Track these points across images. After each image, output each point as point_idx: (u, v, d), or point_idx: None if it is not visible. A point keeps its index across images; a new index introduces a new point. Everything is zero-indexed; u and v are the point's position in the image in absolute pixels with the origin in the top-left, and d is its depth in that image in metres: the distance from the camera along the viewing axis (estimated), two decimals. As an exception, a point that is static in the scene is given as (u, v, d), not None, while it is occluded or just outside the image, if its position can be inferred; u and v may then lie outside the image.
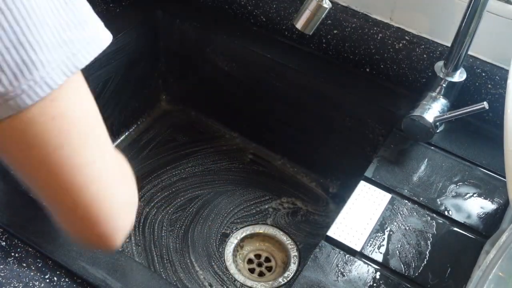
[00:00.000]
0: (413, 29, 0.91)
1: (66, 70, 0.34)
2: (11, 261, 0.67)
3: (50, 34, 0.33)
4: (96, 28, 0.38)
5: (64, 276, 0.66)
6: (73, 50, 0.35)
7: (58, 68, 0.34)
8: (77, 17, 0.35)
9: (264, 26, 1.05)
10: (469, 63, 0.87)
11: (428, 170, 0.82)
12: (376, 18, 0.94)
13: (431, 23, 0.89)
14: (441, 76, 0.84)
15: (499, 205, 0.78)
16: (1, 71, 0.31)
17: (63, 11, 0.34)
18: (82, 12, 0.36)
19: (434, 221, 0.76)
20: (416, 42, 0.91)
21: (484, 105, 0.76)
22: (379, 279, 0.69)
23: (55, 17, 0.33)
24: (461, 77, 0.84)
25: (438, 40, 0.90)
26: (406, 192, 0.79)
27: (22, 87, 0.32)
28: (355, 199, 0.78)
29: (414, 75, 0.94)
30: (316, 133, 1.06)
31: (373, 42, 0.94)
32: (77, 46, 0.35)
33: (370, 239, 0.73)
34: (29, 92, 0.33)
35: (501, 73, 0.86)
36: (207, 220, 1.00)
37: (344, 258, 0.71)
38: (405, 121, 0.84)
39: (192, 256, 0.95)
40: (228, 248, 0.97)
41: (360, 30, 0.94)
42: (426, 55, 0.91)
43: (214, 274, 0.93)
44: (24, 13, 0.31)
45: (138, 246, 0.95)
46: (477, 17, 0.77)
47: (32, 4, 0.32)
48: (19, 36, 0.31)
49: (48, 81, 0.33)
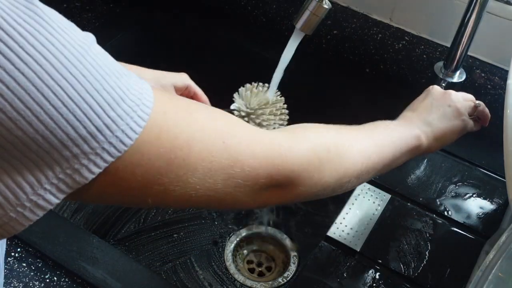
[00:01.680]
0: (413, 29, 0.92)
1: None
2: (11, 261, 0.67)
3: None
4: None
5: (64, 276, 0.66)
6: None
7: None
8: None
9: (264, 26, 1.05)
10: (468, 64, 0.87)
11: (428, 171, 0.82)
12: (376, 18, 0.94)
13: (431, 23, 0.89)
14: (440, 77, 0.84)
15: (499, 205, 0.78)
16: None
17: None
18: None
19: (434, 222, 0.76)
20: (416, 42, 0.91)
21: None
22: (379, 279, 0.69)
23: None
24: (460, 78, 0.84)
25: (437, 40, 0.90)
26: (406, 192, 0.79)
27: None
28: (355, 199, 0.78)
29: (414, 75, 0.94)
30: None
31: (373, 43, 0.94)
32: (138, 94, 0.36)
33: (370, 239, 0.73)
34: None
35: (500, 74, 0.86)
36: (207, 220, 1.01)
37: (343, 258, 0.71)
38: (404, 122, 0.84)
39: (192, 256, 0.95)
40: (228, 248, 0.97)
41: (360, 31, 0.95)
42: (426, 55, 0.91)
43: (214, 274, 0.93)
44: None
45: (138, 246, 0.95)
46: (476, 17, 0.77)
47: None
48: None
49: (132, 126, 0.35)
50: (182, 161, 0.37)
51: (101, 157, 0.33)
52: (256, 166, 0.41)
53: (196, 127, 0.38)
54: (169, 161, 0.36)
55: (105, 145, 0.33)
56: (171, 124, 0.37)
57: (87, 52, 0.32)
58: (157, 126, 0.36)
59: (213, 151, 0.38)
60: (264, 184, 0.42)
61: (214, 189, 0.39)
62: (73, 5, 1.09)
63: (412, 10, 0.90)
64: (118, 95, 0.33)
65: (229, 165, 0.39)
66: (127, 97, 0.34)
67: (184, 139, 0.37)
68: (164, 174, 0.36)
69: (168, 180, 0.37)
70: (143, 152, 0.35)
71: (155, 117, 0.35)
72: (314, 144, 0.47)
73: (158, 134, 0.36)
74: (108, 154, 0.33)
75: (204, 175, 0.38)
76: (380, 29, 0.92)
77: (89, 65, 0.32)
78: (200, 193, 0.39)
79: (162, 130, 0.36)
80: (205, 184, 0.39)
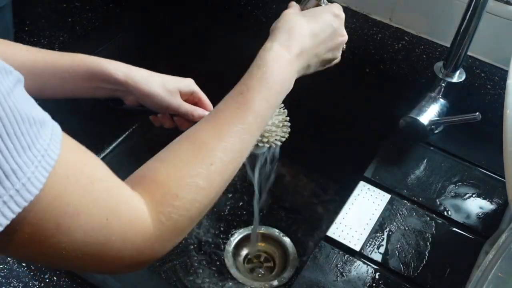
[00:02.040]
0: (413, 29, 0.92)
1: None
2: (11, 261, 0.67)
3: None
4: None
5: (63, 276, 0.66)
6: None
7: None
8: None
9: (264, 26, 1.05)
10: (468, 64, 0.87)
11: (428, 171, 0.82)
12: (376, 18, 0.94)
13: (431, 23, 0.89)
14: (440, 77, 0.84)
15: (498, 205, 0.78)
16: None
17: None
18: None
19: (433, 221, 0.76)
20: (416, 42, 0.91)
21: (476, 116, 0.77)
22: (379, 279, 0.69)
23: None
24: (460, 78, 0.84)
25: (437, 40, 0.90)
26: (406, 192, 0.79)
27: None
28: (354, 199, 0.78)
29: (414, 75, 0.94)
30: (315, 133, 1.06)
31: (373, 43, 0.94)
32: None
33: (370, 239, 0.73)
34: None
35: (500, 74, 0.86)
36: (207, 220, 1.01)
37: (343, 258, 0.71)
38: (402, 122, 0.84)
39: (191, 256, 0.95)
40: (228, 248, 0.97)
41: (360, 31, 0.95)
42: (426, 55, 0.91)
43: (214, 274, 0.93)
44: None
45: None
46: (476, 17, 0.77)
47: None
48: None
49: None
50: (67, 229, 0.37)
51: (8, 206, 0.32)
52: (123, 248, 0.41)
53: (90, 199, 0.38)
54: (57, 225, 0.36)
55: (11, 192, 0.32)
56: (69, 191, 0.36)
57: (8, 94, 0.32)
58: (56, 188, 0.35)
59: (95, 226, 0.38)
60: (127, 264, 0.43)
61: (84, 261, 0.39)
62: (73, 5, 1.09)
63: (412, 10, 0.90)
64: (27, 144, 0.33)
65: (102, 243, 0.39)
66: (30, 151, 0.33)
67: (75, 208, 0.37)
68: (49, 236, 0.36)
69: (50, 243, 0.37)
70: (37, 211, 0.35)
71: (57, 179, 0.35)
72: (178, 218, 0.45)
73: (54, 198, 0.35)
74: (16, 204, 0.33)
75: (80, 246, 0.38)
76: (380, 29, 0.92)
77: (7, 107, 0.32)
78: (71, 261, 0.39)
79: (60, 194, 0.36)
80: (78, 255, 0.39)
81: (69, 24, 1.04)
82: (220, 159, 0.48)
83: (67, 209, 0.36)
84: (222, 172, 0.48)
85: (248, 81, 0.54)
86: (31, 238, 0.36)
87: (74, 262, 0.39)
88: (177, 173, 0.46)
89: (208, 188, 0.47)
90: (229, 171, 0.49)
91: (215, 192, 0.48)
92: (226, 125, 0.50)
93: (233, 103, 0.52)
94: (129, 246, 0.41)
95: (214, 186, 0.48)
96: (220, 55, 1.07)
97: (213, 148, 0.48)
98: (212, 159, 0.47)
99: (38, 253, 0.38)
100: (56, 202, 0.36)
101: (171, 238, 0.45)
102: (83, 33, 1.02)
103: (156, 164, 0.47)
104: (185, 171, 0.46)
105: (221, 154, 0.48)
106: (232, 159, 0.49)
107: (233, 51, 1.04)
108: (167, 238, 0.45)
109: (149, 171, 0.47)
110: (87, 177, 0.38)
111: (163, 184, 0.45)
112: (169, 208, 0.44)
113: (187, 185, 0.46)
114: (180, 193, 0.45)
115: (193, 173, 0.46)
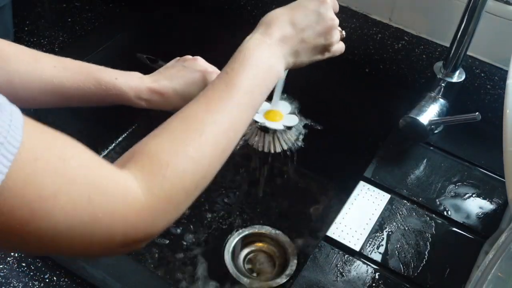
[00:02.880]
0: (412, 29, 0.92)
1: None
2: (11, 260, 0.67)
3: None
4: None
5: (63, 276, 0.66)
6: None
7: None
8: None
9: (264, 26, 1.05)
10: (468, 64, 0.87)
11: (427, 170, 0.82)
12: (376, 18, 0.94)
13: (430, 23, 0.89)
14: (440, 77, 0.84)
15: (498, 205, 0.78)
16: None
17: None
18: None
19: (433, 221, 0.76)
20: (415, 42, 0.91)
21: (476, 116, 0.77)
22: (378, 279, 0.69)
23: None
24: (460, 78, 0.84)
25: (437, 40, 0.90)
26: (405, 192, 0.79)
27: None
28: (354, 199, 0.78)
29: (413, 75, 0.94)
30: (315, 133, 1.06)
31: (373, 43, 0.94)
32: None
33: (369, 239, 0.73)
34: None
35: (500, 74, 0.86)
36: (207, 220, 1.01)
37: (343, 258, 0.71)
38: (401, 122, 0.84)
39: (191, 256, 0.95)
40: (227, 248, 0.97)
41: (360, 31, 0.95)
42: (425, 55, 0.91)
43: (214, 274, 0.93)
44: None
45: (138, 246, 0.95)
46: (476, 17, 0.77)
47: None
48: None
49: None
50: (45, 213, 0.35)
51: None
52: (114, 226, 0.40)
53: (66, 179, 0.37)
54: (32, 212, 0.35)
55: None
56: (40, 174, 0.35)
57: None
58: (24, 173, 0.34)
59: (77, 206, 0.37)
60: (121, 242, 0.41)
61: (71, 244, 0.39)
62: (73, 5, 1.09)
63: (411, 10, 0.90)
64: None
65: (89, 222, 0.38)
66: None
67: (51, 191, 0.36)
68: (25, 224, 0.35)
69: (28, 230, 0.35)
70: (6, 199, 0.33)
71: (24, 164, 0.34)
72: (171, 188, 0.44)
73: (24, 183, 0.34)
74: None
75: (63, 230, 0.37)
76: (379, 29, 0.92)
77: None
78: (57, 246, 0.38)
79: (29, 179, 0.34)
80: (63, 239, 0.38)
81: (68, 24, 1.04)
82: (211, 131, 0.49)
83: (42, 193, 0.35)
84: (213, 143, 0.48)
85: (231, 64, 0.57)
86: (7, 227, 0.35)
87: (62, 246, 0.39)
88: (167, 145, 0.46)
89: (199, 159, 0.47)
90: (222, 145, 0.49)
91: (207, 164, 0.48)
92: (215, 101, 0.51)
93: (220, 82, 0.54)
94: (120, 222, 0.40)
95: (206, 157, 0.48)
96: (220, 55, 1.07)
97: (202, 121, 0.49)
98: (202, 131, 0.48)
99: (20, 242, 0.37)
100: (27, 187, 0.34)
101: (166, 210, 0.44)
102: (82, 33, 1.02)
103: (147, 140, 0.47)
104: (176, 142, 0.46)
105: (212, 127, 0.49)
106: (223, 132, 0.50)
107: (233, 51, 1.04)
108: (161, 211, 0.44)
109: (139, 145, 0.47)
110: (58, 157, 0.37)
111: (152, 155, 0.45)
112: (160, 177, 0.43)
113: (177, 155, 0.46)
114: (171, 162, 0.45)
115: (183, 143, 0.46)
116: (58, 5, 1.09)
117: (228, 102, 0.52)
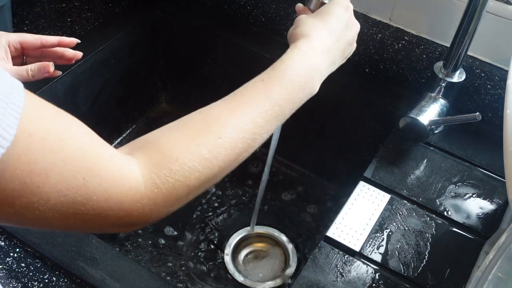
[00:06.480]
0: (413, 29, 0.91)
1: None
2: (10, 261, 0.67)
3: None
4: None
5: (63, 277, 0.66)
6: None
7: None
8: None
9: (264, 26, 1.05)
10: (468, 64, 0.87)
11: (427, 171, 0.82)
12: (376, 18, 0.93)
13: (431, 23, 0.89)
14: (440, 77, 0.84)
15: (498, 206, 0.78)
16: None
17: None
18: None
19: (433, 222, 0.76)
20: (416, 42, 0.91)
21: (476, 116, 0.76)
22: (378, 279, 0.69)
23: None
24: (460, 78, 0.84)
25: (437, 40, 0.90)
26: (405, 192, 0.79)
27: None
28: (354, 199, 0.78)
29: (414, 75, 0.94)
30: (315, 133, 1.06)
31: (373, 42, 0.94)
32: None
33: (369, 239, 0.73)
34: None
35: (500, 74, 0.86)
36: (206, 220, 1.01)
37: (343, 258, 0.71)
38: (401, 122, 0.84)
39: (191, 256, 0.95)
40: (227, 248, 0.97)
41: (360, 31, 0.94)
42: (426, 55, 0.91)
43: (214, 275, 0.93)
44: None
45: (137, 246, 0.95)
46: (476, 17, 0.77)
47: None
48: None
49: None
50: (36, 188, 0.36)
51: None
52: (108, 209, 0.40)
53: (60, 157, 0.37)
54: (23, 185, 0.35)
55: None
56: (34, 149, 0.35)
57: None
58: (18, 147, 0.34)
59: (70, 186, 0.37)
60: (114, 223, 0.42)
61: (64, 220, 0.39)
62: (73, 5, 1.09)
63: (411, 10, 0.90)
64: None
65: (82, 202, 0.38)
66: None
67: (43, 167, 0.36)
68: (16, 197, 0.36)
69: (20, 203, 0.36)
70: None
71: (18, 138, 0.34)
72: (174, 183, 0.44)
73: (18, 156, 0.35)
74: None
75: (55, 206, 0.37)
76: (379, 29, 0.92)
77: None
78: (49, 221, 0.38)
79: (23, 152, 0.35)
80: (55, 215, 0.38)
81: (68, 23, 1.04)
82: (229, 135, 0.47)
83: (34, 168, 0.35)
84: (229, 148, 0.47)
85: (270, 72, 0.54)
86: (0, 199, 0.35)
87: (55, 221, 0.39)
88: (182, 140, 0.45)
89: (211, 160, 0.46)
90: (237, 150, 0.48)
91: (218, 167, 0.47)
92: (241, 106, 0.50)
93: (253, 88, 0.52)
94: (115, 206, 0.40)
95: (218, 160, 0.46)
96: (220, 55, 1.07)
97: (223, 123, 0.48)
98: (220, 133, 0.47)
99: (12, 214, 0.37)
100: (20, 160, 0.35)
101: (165, 203, 0.44)
102: (82, 33, 1.02)
103: (162, 131, 0.47)
104: (191, 138, 0.46)
105: (231, 131, 0.48)
106: (241, 139, 0.48)
107: (233, 51, 1.04)
108: (160, 203, 0.43)
109: (153, 135, 0.46)
110: (55, 135, 0.37)
111: (164, 147, 0.44)
112: (166, 170, 0.43)
113: (189, 152, 0.45)
114: (180, 158, 0.44)
115: (198, 142, 0.45)
116: (57, 5, 1.09)
117: (255, 111, 0.50)
